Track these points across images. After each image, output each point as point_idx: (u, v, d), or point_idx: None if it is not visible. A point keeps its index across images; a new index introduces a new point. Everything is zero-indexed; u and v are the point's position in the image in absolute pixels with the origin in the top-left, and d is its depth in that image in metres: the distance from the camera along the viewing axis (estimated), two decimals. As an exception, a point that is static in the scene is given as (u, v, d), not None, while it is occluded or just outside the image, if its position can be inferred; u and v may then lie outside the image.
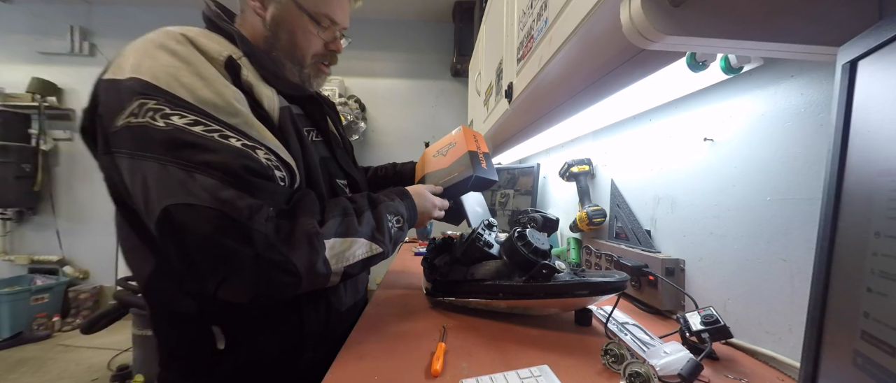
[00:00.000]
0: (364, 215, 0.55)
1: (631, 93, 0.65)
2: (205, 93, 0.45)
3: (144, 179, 0.42)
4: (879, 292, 0.26)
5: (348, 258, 0.51)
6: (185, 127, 0.42)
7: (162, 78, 0.44)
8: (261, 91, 0.52)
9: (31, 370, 2.13)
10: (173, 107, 0.43)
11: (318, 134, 0.64)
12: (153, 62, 0.44)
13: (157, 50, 0.46)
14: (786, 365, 0.52)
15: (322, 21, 0.61)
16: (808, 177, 0.51)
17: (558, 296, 0.62)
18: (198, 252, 0.42)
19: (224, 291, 0.44)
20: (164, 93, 0.43)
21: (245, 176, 0.44)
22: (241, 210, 0.42)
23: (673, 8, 0.36)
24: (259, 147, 0.47)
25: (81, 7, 3.02)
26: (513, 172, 1.83)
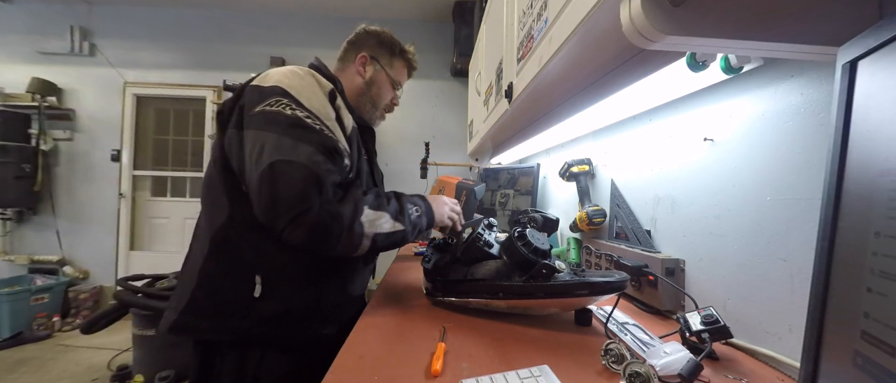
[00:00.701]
0: (391, 201, 0.73)
1: (631, 93, 0.65)
2: (315, 103, 0.68)
3: (263, 144, 0.62)
4: (879, 292, 0.26)
5: (377, 227, 0.67)
6: (301, 117, 0.64)
7: (294, 88, 0.67)
8: (344, 114, 0.75)
9: (31, 370, 2.13)
10: (297, 106, 0.65)
11: (365, 153, 0.85)
12: (289, 80, 0.68)
13: (293, 74, 0.70)
14: (786, 365, 0.52)
15: (396, 86, 0.94)
16: (808, 177, 0.51)
17: (558, 296, 0.62)
18: (286, 191, 0.59)
19: (290, 231, 0.60)
20: (293, 97, 0.66)
21: (330, 152, 0.65)
22: (322, 170, 0.63)
23: (673, 8, 0.36)
24: (340, 140, 0.69)
25: (81, 7, 3.02)
26: (513, 172, 1.83)
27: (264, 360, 0.70)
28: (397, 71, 0.93)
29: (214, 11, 3.10)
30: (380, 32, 0.90)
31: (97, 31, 3.05)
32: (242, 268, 0.68)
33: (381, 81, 0.90)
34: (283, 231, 0.60)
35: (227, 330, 0.68)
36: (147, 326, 1.86)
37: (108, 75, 3.04)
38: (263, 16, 3.13)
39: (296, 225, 0.59)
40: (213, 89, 3.08)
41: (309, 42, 3.11)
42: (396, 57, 0.92)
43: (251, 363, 0.69)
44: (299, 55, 3.06)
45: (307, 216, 0.59)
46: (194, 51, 3.10)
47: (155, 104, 3.19)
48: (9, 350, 2.37)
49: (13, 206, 2.89)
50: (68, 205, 3.02)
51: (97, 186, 3.03)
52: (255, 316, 0.68)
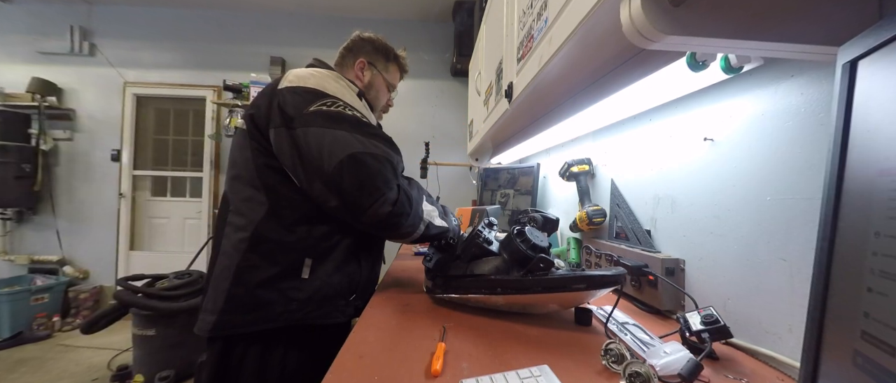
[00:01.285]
0: (435, 201, 0.84)
1: (631, 93, 0.65)
2: (357, 104, 0.77)
3: (333, 140, 0.69)
4: (879, 292, 0.26)
5: (432, 217, 0.78)
6: (360, 117, 0.73)
7: (337, 91, 0.75)
8: (368, 113, 0.82)
9: (31, 370, 2.13)
10: (346, 106, 0.74)
11: None
12: (328, 83, 0.76)
13: (328, 78, 0.77)
14: (786, 365, 0.52)
15: (391, 88, 1.01)
16: (808, 177, 0.51)
17: (555, 290, 0.62)
18: (371, 176, 0.68)
19: (375, 209, 0.68)
20: (338, 99, 0.74)
21: (393, 145, 0.75)
22: (394, 159, 0.73)
23: (673, 8, 0.36)
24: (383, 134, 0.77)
25: (81, 7, 3.02)
26: (513, 172, 1.83)
27: (289, 350, 0.74)
28: (392, 74, 1.00)
29: (214, 11, 3.10)
30: (374, 39, 0.96)
31: (97, 31, 3.05)
32: (289, 256, 0.73)
33: (378, 85, 0.96)
34: (367, 210, 0.68)
35: (271, 319, 0.71)
36: (147, 326, 1.86)
37: (108, 75, 3.04)
38: (263, 16, 3.13)
39: (381, 204, 0.68)
40: (213, 89, 3.08)
41: (309, 42, 3.11)
42: (391, 61, 0.99)
43: (276, 355, 0.73)
44: (299, 55, 3.06)
45: (389, 195, 0.69)
46: (194, 51, 3.10)
47: (155, 104, 3.19)
48: (9, 350, 2.37)
49: (13, 206, 2.89)
50: (68, 204, 3.02)
51: (97, 186, 3.03)
52: (302, 298, 0.73)
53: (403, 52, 1.02)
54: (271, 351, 0.72)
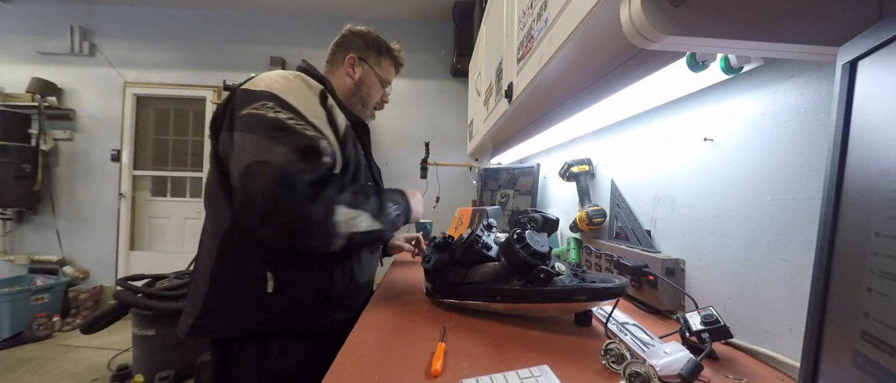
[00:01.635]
0: (371, 198, 0.73)
1: (631, 93, 0.65)
2: (303, 104, 0.70)
3: (244, 145, 0.64)
4: (879, 292, 0.26)
5: (353, 226, 0.67)
6: (283, 119, 0.65)
7: (281, 91, 0.68)
8: (337, 113, 0.76)
9: (31, 370, 2.13)
10: (281, 107, 0.66)
11: (362, 148, 0.88)
12: (278, 84, 0.70)
13: (282, 78, 0.71)
14: (786, 365, 0.52)
15: (385, 84, 0.96)
16: (808, 177, 0.51)
17: (556, 301, 0.62)
18: (258, 191, 0.60)
19: (261, 230, 0.61)
20: (279, 99, 0.67)
21: (306, 152, 0.65)
22: (294, 169, 0.62)
23: (673, 8, 0.36)
24: (323, 138, 0.69)
25: (81, 7, 3.02)
26: (513, 172, 1.83)
27: (285, 350, 0.73)
28: (385, 69, 0.95)
29: (214, 11, 3.10)
30: (365, 33, 0.92)
31: (97, 31, 3.05)
32: (252, 268, 0.70)
33: (370, 81, 0.92)
34: (255, 230, 0.61)
35: (244, 326, 0.71)
36: (147, 326, 1.86)
37: (108, 75, 3.04)
38: (263, 16, 3.13)
39: (266, 224, 0.60)
40: (213, 89, 3.08)
41: (309, 42, 3.11)
42: (383, 56, 0.94)
43: (272, 353, 0.72)
44: (299, 55, 3.03)
45: (277, 216, 0.59)
46: (194, 51, 3.10)
47: (155, 104, 3.19)
48: (9, 350, 2.36)
49: (13, 206, 2.89)
50: (68, 205, 3.02)
51: (97, 186, 3.03)
52: (270, 311, 0.71)
53: (397, 45, 0.97)
54: (268, 353, 0.72)
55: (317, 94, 0.73)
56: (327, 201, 0.65)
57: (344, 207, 0.66)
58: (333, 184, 0.69)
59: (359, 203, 0.70)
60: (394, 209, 0.77)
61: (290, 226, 0.61)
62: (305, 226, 0.62)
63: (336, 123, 0.75)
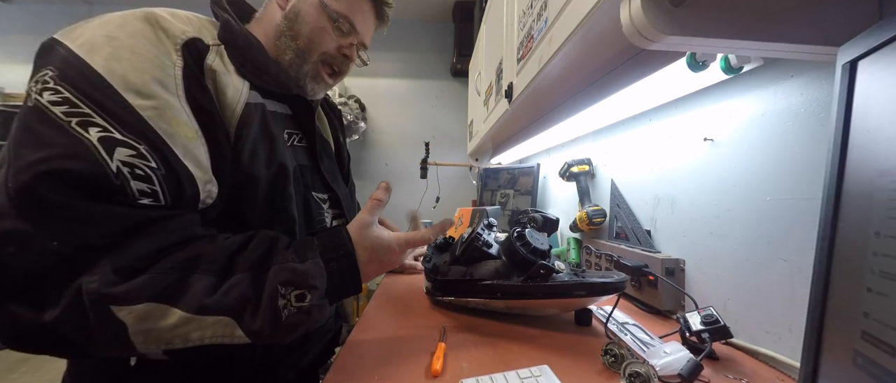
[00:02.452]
0: (235, 277, 0.38)
1: (631, 93, 0.65)
2: (123, 66, 0.38)
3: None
4: (879, 292, 0.26)
5: (173, 340, 0.36)
6: (46, 106, 0.35)
7: (85, 45, 0.39)
8: (226, 80, 0.47)
9: (31, 370, 2.13)
10: (59, 80, 0.36)
11: (302, 139, 0.59)
12: (96, 30, 0.41)
13: (113, 20, 0.42)
14: (786, 365, 0.52)
15: (342, 24, 0.59)
16: (808, 177, 0.51)
17: (556, 297, 0.62)
18: None
19: None
20: (71, 60, 0.38)
21: (38, 188, 0.32)
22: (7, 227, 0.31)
23: (673, 8, 0.36)
24: (132, 143, 0.36)
25: (81, 7, 3.02)
26: (513, 172, 1.83)
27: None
28: (345, 2, 0.59)
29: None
30: None
31: (97, 31, 3.05)
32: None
33: (309, 13, 0.56)
34: None
35: None
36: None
37: (108, 75, 3.04)
38: (263, 16, 3.13)
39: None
40: (213, 89, 3.08)
41: None
42: None
43: None
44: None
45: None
46: (194, 51, 3.09)
47: (155, 104, 3.19)
48: (9, 350, 2.36)
49: (13, 206, 2.88)
50: (68, 205, 3.02)
51: (97, 186, 3.03)
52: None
53: None
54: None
55: (176, 49, 0.43)
56: (88, 294, 0.32)
57: (142, 306, 0.34)
58: (134, 246, 0.35)
59: (188, 293, 0.36)
60: (293, 296, 0.39)
61: (17, 338, 0.34)
62: (42, 341, 0.34)
63: (222, 101, 0.46)
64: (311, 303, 0.40)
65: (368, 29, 0.65)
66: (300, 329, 0.40)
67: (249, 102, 0.49)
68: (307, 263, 0.41)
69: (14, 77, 2.92)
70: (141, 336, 0.35)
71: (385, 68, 3.11)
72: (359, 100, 2.90)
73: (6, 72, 2.97)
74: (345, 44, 0.60)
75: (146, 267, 0.36)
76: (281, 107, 0.57)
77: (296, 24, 0.56)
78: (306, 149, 0.60)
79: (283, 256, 0.41)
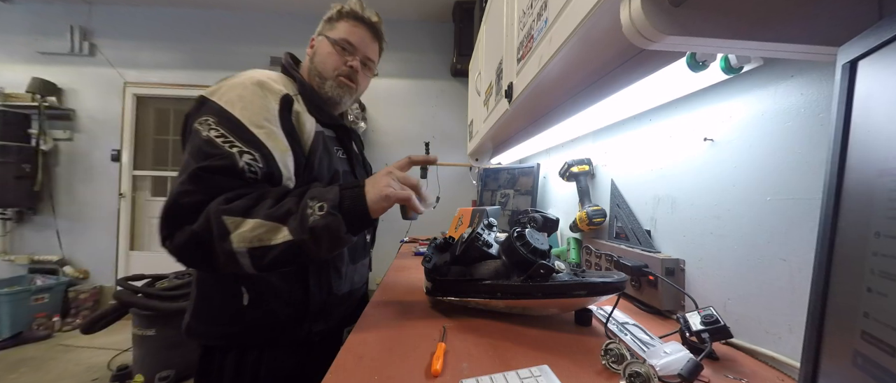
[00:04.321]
0: (285, 200, 0.60)
1: (631, 93, 0.65)
2: (248, 113, 0.65)
3: (183, 162, 0.63)
4: (879, 292, 0.26)
5: (251, 241, 0.57)
6: (212, 138, 0.61)
7: (228, 102, 0.64)
8: (304, 118, 0.73)
9: (31, 370, 2.13)
10: (218, 122, 0.62)
11: (343, 153, 0.84)
12: (231, 93, 0.66)
13: (240, 86, 0.67)
14: (786, 365, 0.52)
15: (337, 45, 0.81)
16: (808, 177, 0.51)
17: (556, 296, 0.62)
18: (160, 218, 0.59)
19: (169, 243, 0.59)
20: (222, 113, 0.63)
21: (200, 172, 0.59)
22: (177, 193, 0.59)
23: (673, 8, 0.36)
24: (249, 151, 0.62)
25: (81, 7, 3.02)
26: (513, 172, 1.83)
27: (263, 358, 0.72)
28: (340, 30, 0.82)
29: (214, 11, 3.10)
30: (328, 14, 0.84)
31: (97, 31, 3.05)
32: (228, 280, 0.69)
33: (321, 50, 0.82)
34: (169, 248, 0.59)
35: (224, 337, 0.71)
36: (147, 326, 1.86)
37: (108, 75, 3.04)
38: (263, 16, 3.13)
39: (169, 250, 0.59)
40: (213, 89, 3.08)
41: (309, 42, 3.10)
42: (336, 20, 0.83)
43: (249, 364, 0.71)
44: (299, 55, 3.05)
45: (174, 239, 0.58)
46: (194, 51, 3.10)
47: (155, 104, 3.19)
48: (9, 350, 2.37)
49: (13, 206, 2.89)
50: (68, 205, 3.02)
51: (97, 186, 3.03)
52: (246, 323, 0.70)
53: (357, 4, 0.83)
54: (246, 364, 0.71)
55: (277, 100, 0.68)
56: (208, 216, 0.57)
57: (233, 216, 0.56)
58: (236, 194, 0.60)
59: (249, 208, 0.58)
60: (317, 206, 0.58)
61: (180, 251, 0.59)
62: (192, 250, 0.58)
63: (303, 129, 0.72)
64: (325, 212, 0.58)
65: (367, 45, 0.85)
66: (323, 231, 0.57)
67: (317, 131, 0.75)
68: (329, 189, 0.62)
69: (14, 77, 2.92)
70: (237, 237, 0.56)
71: (385, 68, 3.11)
72: (359, 100, 2.89)
73: (6, 72, 2.97)
74: (349, 59, 0.82)
75: (241, 197, 0.59)
76: (330, 132, 0.82)
77: (316, 58, 0.83)
78: (346, 160, 0.85)
79: (315, 189, 0.62)
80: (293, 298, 0.72)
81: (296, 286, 0.72)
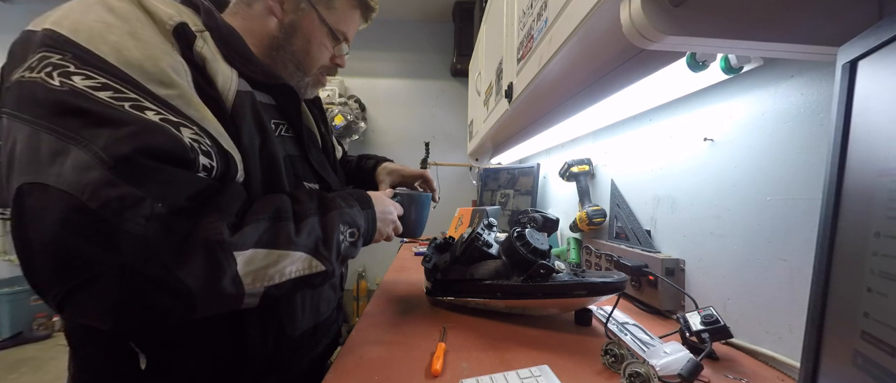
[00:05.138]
0: (307, 221, 0.45)
1: (631, 93, 0.65)
2: (134, 54, 0.37)
3: (13, 146, 0.33)
4: (879, 292, 0.26)
5: (273, 276, 0.41)
6: (85, 90, 0.33)
7: (82, 32, 0.36)
8: (216, 67, 0.45)
9: (31, 370, 2.13)
10: (81, 65, 0.34)
11: (288, 129, 0.58)
12: (81, 15, 0.37)
13: (94, 4, 0.38)
14: (786, 365, 0.52)
15: (339, 36, 0.61)
16: (808, 177, 0.51)
17: (556, 296, 0.62)
18: (40, 251, 0.32)
19: (72, 309, 0.33)
20: (76, 47, 0.35)
21: (137, 157, 0.33)
22: (105, 200, 0.31)
23: (673, 8, 0.36)
24: (186, 124, 0.38)
25: (81, 7, 3.02)
26: (513, 172, 1.83)
27: None
28: (340, 13, 0.60)
29: (214, 11, 3.10)
30: None
31: (97, 31, 3.05)
32: (109, 339, 0.45)
33: (309, 29, 0.57)
34: (63, 311, 0.34)
35: None
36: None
37: (108, 75, 3.04)
38: (263, 16, 3.12)
39: (78, 303, 0.33)
40: (213, 89, 3.07)
41: None
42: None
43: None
44: None
45: (94, 290, 0.32)
46: (194, 51, 3.09)
47: (155, 104, 3.18)
48: (9, 350, 2.37)
49: (13, 206, 2.89)
50: (68, 205, 3.02)
51: (97, 186, 3.03)
52: None
53: None
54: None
55: (167, 29, 0.41)
56: (209, 246, 0.36)
57: (251, 251, 0.39)
58: (222, 205, 0.40)
59: (281, 237, 0.42)
60: (347, 234, 0.49)
61: (136, 306, 0.34)
62: (171, 300, 0.35)
63: (215, 87, 0.45)
64: (356, 239, 0.51)
65: (354, 33, 0.66)
66: (346, 260, 0.51)
67: (240, 90, 0.47)
68: (354, 209, 0.52)
69: (14, 77, 2.92)
70: (250, 276, 0.39)
71: (385, 68, 3.11)
72: (359, 100, 2.90)
73: (6, 72, 2.97)
74: (338, 54, 0.63)
75: (243, 221, 0.41)
76: (266, 98, 0.55)
77: (295, 39, 0.57)
78: (293, 140, 0.59)
79: (337, 203, 0.50)
80: (221, 349, 0.48)
81: (221, 331, 0.47)
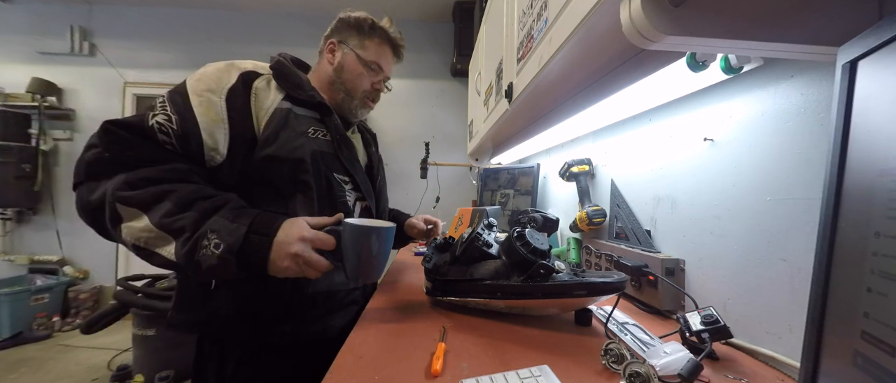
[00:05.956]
0: (191, 208, 0.56)
1: (631, 93, 0.65)
2: (195, 84, 0.65)
3: None
4: (879, 292, 0.26)
5: (139, 238, 0.55)
6: (155, 104, 0.63)
7: (190, 78, 0.66)
8: (264, 95, 0.70)
9: (31, 370, 2.13)
10: (164, 106, 0.62)
11: (325, 134, 0.77)
12: (203, 70, 0.68)
13: (215, 65, 0.69)
14: (786, 365, 0.52)
15: (369, 66, 0.83)
16: (808, 177, 0.51)
17: (556, 296, 0.62)
18: (75, 164, 0.59)
19: (76, 194, 0.59)
20: (179, 86, 0.65)
21: (108, 125, 0.58)
22: (86, 145, 0.59)
23: (673, 8, 0.36)
24: (166, 116, 0.61)
25: (81, 7, 3.02)
26: (513, 172, 1.83)
27: (249, 362, 0.70)
28: (372, 51, 0.83)
29: (215, 11, 3.10)
30: (350, 15, 0.83)
31: (97, 31, 3.05)
32: None
33: (350, 65, 0.81)
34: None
35: (194, 325, 0.69)
36: (147, 326, 1.86)
37: (108, 75, 3.03)
38: (263, 16, 3.12)
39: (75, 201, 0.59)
40: (213, 89, 3.08)
41: (309, 42, 3.07)
42: (368, 36, 0.82)
43: (231, 360, 0.70)
44: (299, 55, 3.05)
45: (78, 190, 0.58)
46: (194, 51, 3.09)
47: (155, 104, 3.19)
48: (9, 350, 2.36)
49: (13, 206, 2.88)
50: (68, 205, 3.01)
51: (97, 186, 3.02)
52: (210, 309, 0.67)
53: (387, 21, 0.85)
54: (227, 354, 0.70)
55: (234, 75, 0.67)
56: (104, 195, 0.55)
57: (132, 209, 0.55)
58: (146, 172, 0.57)
59: (152, 204, 0.55)
60: (213, 243, 0.54)
61: (79, 209, 0.58)
62: (86, 215, 0.57)
63: (259, 106, 0.68)
64: (220, 254, 0.54)
65: (390, 66, 0.88)
66: (207, 270, 0.54)
67: (278, 107, 0.70)
68: (235, 224, 0.56)
69: (14, 77, 2.91)
70: (126, 229, 0.55)
71: (385, 68, 3.10)
72: (359, 100, 2.89)
73: (6, 72, 2.96)
74: (376, 81, 0.85)
75: (144, 186, 0.56)
76: (309, 112, 0.75)
77: (342, 74, 0.82)
78: (328, 142, 0.77)
79: (225, 213, 0.57)
80: (253, 292, 0.67)
81: (254, 282, 0.66)
